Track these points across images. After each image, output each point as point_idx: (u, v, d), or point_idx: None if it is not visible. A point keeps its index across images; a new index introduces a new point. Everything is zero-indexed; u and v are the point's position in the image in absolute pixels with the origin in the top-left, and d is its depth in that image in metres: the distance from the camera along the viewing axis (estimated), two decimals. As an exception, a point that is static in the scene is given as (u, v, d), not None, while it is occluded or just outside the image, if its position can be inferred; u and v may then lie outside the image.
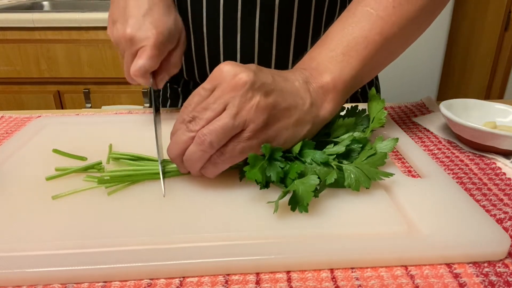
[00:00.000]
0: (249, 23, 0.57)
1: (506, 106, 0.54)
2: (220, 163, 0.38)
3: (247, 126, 0.37)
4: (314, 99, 0.40)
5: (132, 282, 0.30)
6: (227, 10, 0.57)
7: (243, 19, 0.57)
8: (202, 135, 0.36)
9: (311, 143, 0.40)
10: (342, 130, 0.43)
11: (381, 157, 0.40)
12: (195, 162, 0.38)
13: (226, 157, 0.37)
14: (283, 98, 0.38)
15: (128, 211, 0.37)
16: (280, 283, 0.30)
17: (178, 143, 0.38)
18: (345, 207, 0.37)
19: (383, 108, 0.45)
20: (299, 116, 0.39)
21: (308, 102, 0.40)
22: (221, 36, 0.59)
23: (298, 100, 0.39)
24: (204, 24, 0.59)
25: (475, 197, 0.40)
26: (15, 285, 0.29)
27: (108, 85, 1.61)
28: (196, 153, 0.37)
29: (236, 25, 0.58)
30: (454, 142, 0.52)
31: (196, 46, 0.61)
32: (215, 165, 0.38)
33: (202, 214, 0.36)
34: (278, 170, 0.37)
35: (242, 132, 0.37)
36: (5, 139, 0.53)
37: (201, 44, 0.61)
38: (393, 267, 0.31)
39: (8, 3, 1.74)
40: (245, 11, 0.57)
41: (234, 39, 0.59)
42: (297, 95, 0.40)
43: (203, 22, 0.59)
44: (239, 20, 0.57)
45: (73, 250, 0.32)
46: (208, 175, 0.39)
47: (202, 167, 0.38)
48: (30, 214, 0.36)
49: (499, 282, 0.29)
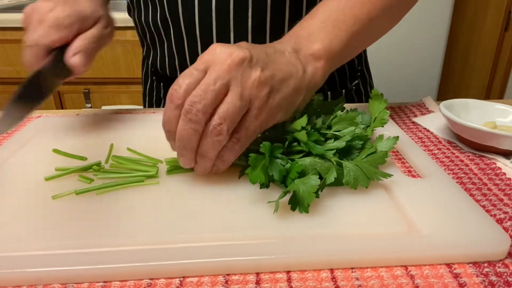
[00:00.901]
0: (241, 23, 0.58)
1: (506, 106, 0.54)
2: (238, 149, 0.38)
3: (252, 104, 0.37)
4: (305, 66, 0.41)
5: (132, 282, 0.30)
6: (220, 11, 0.57)
7: (236, 19, 0.57)
8: (217, 125, 0.35)
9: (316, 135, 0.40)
10: (344, 124, 0.43)
11: (382, 156, 0.40)
12: (210, 152, 0.37)
13: (242, 142, 0.37)
14: (279, 69, 0.39)
15: (128, 211, 0.37)
16: (280, 283, 0.29)
17: (186, 137, 0.36)
18: (345, 207, 0.37)
19: (385, 108, 0.45)
20: (296, 84, 0.40)
21: (300, 69, 0.41)
22: (215, 37, 0.59)
23: (291, 68, 0.40)
24: (197, 26, 0.59)
25: (475, 197, 0.40)
26: (15, 285, 0.29)
27: (108, 85, 1.61)
28: (214, 143, 0.36)
29: (229, 25, 0.58)
30: (454, 142, 0.52)
31: (189, 45, 0.61)
32: (233, 151, 0.38)
33: (202, 214, 0.36)
34: (280, 168, 0.37)
35: (249, 111, 0.37)
36: (5, 139, 0.53)
37: (195, 45, 0.61)
38: (393, 267, 0.31)
39: (8, 3, 1.74)
40: (237, 11, 0.57)
41: (227, 40, 0.59)
42: (289, 64, 0.40)
43: (195, 23, 0.59)
44: (232, 20, 0.58)
45: (73, 250, 0.32)
46: (222, 166, 0.39)
47: (218, 157, 0.38)
48: (30, 214, 0.36)
49: (499, 282, 0.29)
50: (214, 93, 0.35)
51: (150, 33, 0.65)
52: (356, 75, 0.72)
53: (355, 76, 0.72)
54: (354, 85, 0.71)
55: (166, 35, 0.62)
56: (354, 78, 0.71)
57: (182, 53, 0.62)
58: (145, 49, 0.71)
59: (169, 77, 0.67)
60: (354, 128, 0.42)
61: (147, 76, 0.75)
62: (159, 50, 0.65)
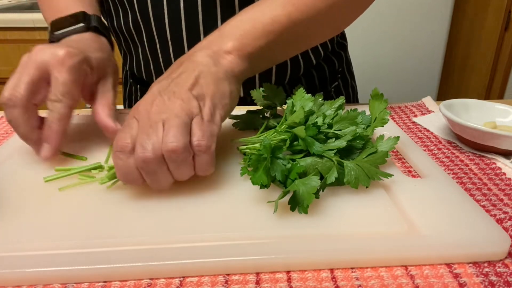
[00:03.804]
0: (211, 23, 0.58)
1: (506, 106, 0.54)
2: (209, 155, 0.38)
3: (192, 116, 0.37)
4: (216, 61, 0.42)
5: (132, 282, 0.30)
6: (188, 12, 0.57)
7: (205, 20, 0.58)
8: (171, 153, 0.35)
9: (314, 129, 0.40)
10: (344, 124, 0.43)
11: (383, 155, 0.40)
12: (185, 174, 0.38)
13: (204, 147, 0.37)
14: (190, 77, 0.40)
15: (128, 211, 0.37)
16: (280, 283, 0.29)
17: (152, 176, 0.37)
18: (345, 207, 0.37)
19: (385, 108, 0.45)
20: (213, 78, 0.41)
21: (211, 64, 0.42)
22: (185, 38, 0.59)
23: (201, 68, 0.41)
24: (167, 27, 0.59)
25: (475, 197, 0.40)
26: (15, 285, 0.29)
27: (108, 85, 1.60)
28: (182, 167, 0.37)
29: (198, 26, 0.58)
30: (454, 142, 0.52)
31: (161, 49, 0.62)
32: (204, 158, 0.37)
33: (202, 214, 0.36)
34: (282, 169, 0.37)
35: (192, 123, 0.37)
36: (5, 139, 0.53)
37: (166, 47, 0.61)
38: (393, 267, 0.31)
39: (8, 3, 1.74)
40: (206, 12, 0.57)
41: (197, 40, 0.59)
42: (198, 66, 0.41)
43: (165, 25, 0.59)
44: (201, 21, 0.58)
45: (73, 250, 0.32)
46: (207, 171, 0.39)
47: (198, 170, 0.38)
48: (30, 214, 0.36)
49: (499, 282, 0.29)
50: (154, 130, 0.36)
51: (124, 38, 0.66)
52: (336, 76, 0.72)
53: (335, 78, 0.72)
54: (333, 86, 0.72)
55: (139, 40, 0.63)
56: (334, 79, 0.72)
57: (156, 57, 0.63)
58: (122, 55, 0.72)
59: (146, 81, 0.68)
60: (355, 128, 0.42)
61: (126, 80, 0.77)
62: (134, 55, 0.66)
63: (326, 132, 0.42)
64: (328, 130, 0.42)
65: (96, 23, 0.52)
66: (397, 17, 1.81)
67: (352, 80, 0.77)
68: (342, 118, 0.43)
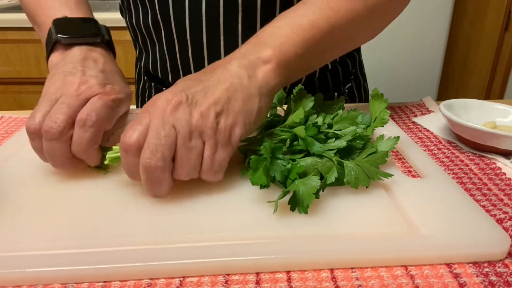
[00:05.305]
0: (231, 26, 0.57)
1: (506, 106, 0.54)
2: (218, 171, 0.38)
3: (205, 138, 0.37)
4: (251, 72, 0.40)
5: (132, 282, 0.30)
6: (210, 14, 0.57)
7: (226, 22, 0.57)
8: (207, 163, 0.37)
9: (314, 129, 0.40)
10: (344, 124, 0.43)
11: (383, 156, 0.40)
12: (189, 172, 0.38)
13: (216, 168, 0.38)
14: (219, 90, 0.38)
15: (128, 211, 0.37)
16: (280, 283, 0.29)
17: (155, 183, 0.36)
18: (345, 207, 0.37)
19: (385, 108, 0.45)
20: (243, 95, 0.39)
21: (245, 77, 0.40)
22: (205, 40, 0.59)
23: (234, 80, 0.39)
24: (187, 28, 0.59)
25: (475, 197, 0.40)
26: (15, 285, 0.29)
27: (108, 85, 1.60)
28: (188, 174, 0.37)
29: (219, 28, 0.58)
30: (454, 142, 0.52)
31: (180, 49, 0.61)
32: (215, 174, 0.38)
33: (202, 214, 0.36)
34: (282, 169, 0.37)
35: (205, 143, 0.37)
36: (5, 139, 0.53)
37: (185, 48, 0.61)
38: (393, 267, 0.31)
39: (8, 3, 1.74)
40: (227, 14, 0.57)
41: (217, 42, 0.59)
42: (230, 78, 0.39)
43: (186, 26, 0.58)
44: (222, 23, 0.57)
45: (73, 250, 0.32)
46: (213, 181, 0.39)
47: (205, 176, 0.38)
48: (30, 214, 0.36)
49: (499, 282, 0.29)
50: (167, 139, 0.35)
51: (141, 35, 0.65)
52: (349, 78, 0.72)
53: (348, 79, 0.72)
54: (347, 88, 0.71)
55: (157, 38, 0.62)
56: (347, 81, 0.71)
57: (174, 57, 0.62)
58: (137, 51, 0.72)
59: (160, 78, 0.68)
60: (355, 128, 0.42)
61: (140, 76, 0.76)
62: (150, 52, 0.66)
63: (326, 132, 0.42)
64: (328, 130, 0.42)
65: (108, 35, 0.51)
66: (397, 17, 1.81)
67: (365, 82, 0.77)
68: (342, 118, 0.43)
